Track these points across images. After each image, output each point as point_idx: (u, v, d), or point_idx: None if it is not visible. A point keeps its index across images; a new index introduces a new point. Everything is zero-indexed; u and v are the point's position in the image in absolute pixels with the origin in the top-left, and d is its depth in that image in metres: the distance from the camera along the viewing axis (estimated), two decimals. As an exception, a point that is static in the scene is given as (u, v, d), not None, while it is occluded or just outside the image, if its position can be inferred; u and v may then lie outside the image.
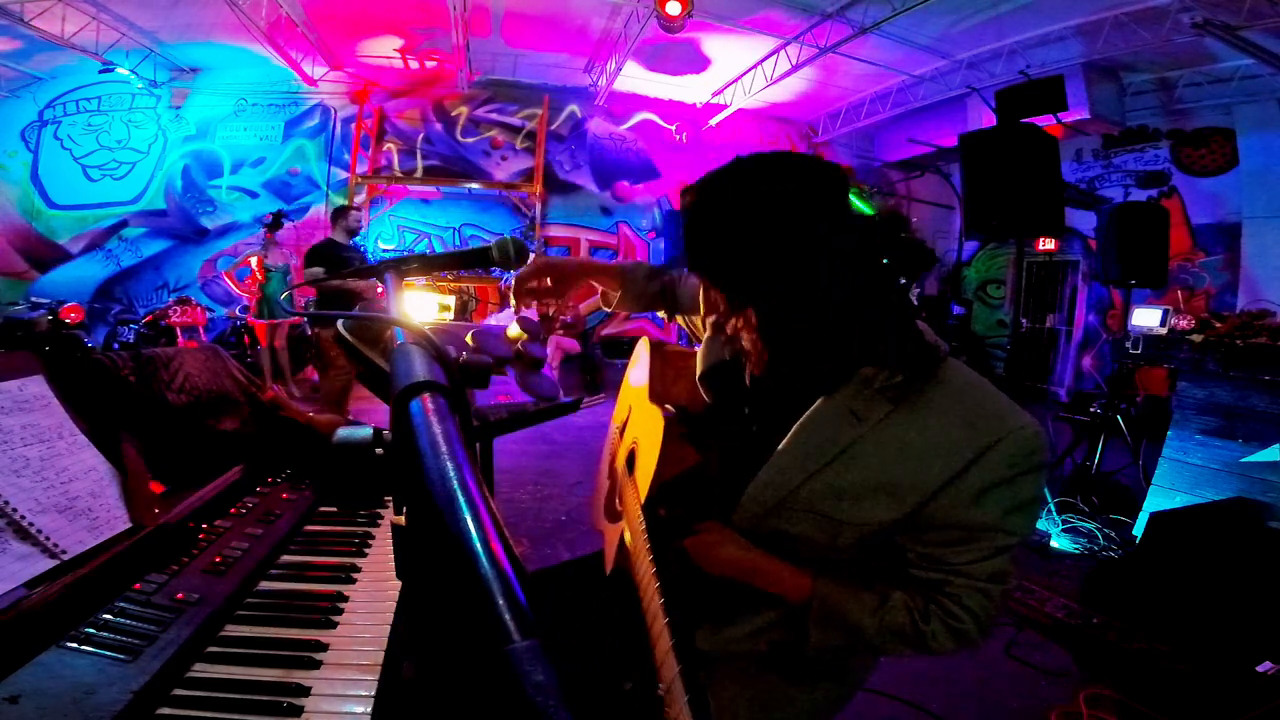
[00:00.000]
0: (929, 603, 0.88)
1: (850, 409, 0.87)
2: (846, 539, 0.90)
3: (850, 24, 6.30)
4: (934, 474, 0.83)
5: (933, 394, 0.86)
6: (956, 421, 0.84)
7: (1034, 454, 0.83)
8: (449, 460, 0.40)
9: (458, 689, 0.35)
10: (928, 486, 0.83)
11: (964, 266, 9.50)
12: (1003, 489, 0.82)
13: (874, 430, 0.86)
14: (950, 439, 0.83)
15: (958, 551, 0.85)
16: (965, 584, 0.86)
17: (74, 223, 8.24)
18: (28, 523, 0.86)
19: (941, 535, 0.86)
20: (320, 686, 0.82)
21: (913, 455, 0.84)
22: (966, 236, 5.07)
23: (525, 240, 6.41)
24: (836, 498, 0.88)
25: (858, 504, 0.87)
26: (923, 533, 0.87)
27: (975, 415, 0.84)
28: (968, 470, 0.82)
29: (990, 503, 0.83)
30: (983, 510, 0.83)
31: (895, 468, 0.85)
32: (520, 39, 7.78)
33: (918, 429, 0.85)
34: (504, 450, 2.27)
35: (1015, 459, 0.82)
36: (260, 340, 6.52)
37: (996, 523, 0.84)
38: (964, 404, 0.85)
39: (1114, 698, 2.19)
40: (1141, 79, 7.31)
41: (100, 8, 6.61)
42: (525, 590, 0.33)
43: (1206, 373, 3.32)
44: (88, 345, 5.98)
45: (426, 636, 0.85)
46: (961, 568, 0.85)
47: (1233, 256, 7.03)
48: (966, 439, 0.82)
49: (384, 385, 0.55)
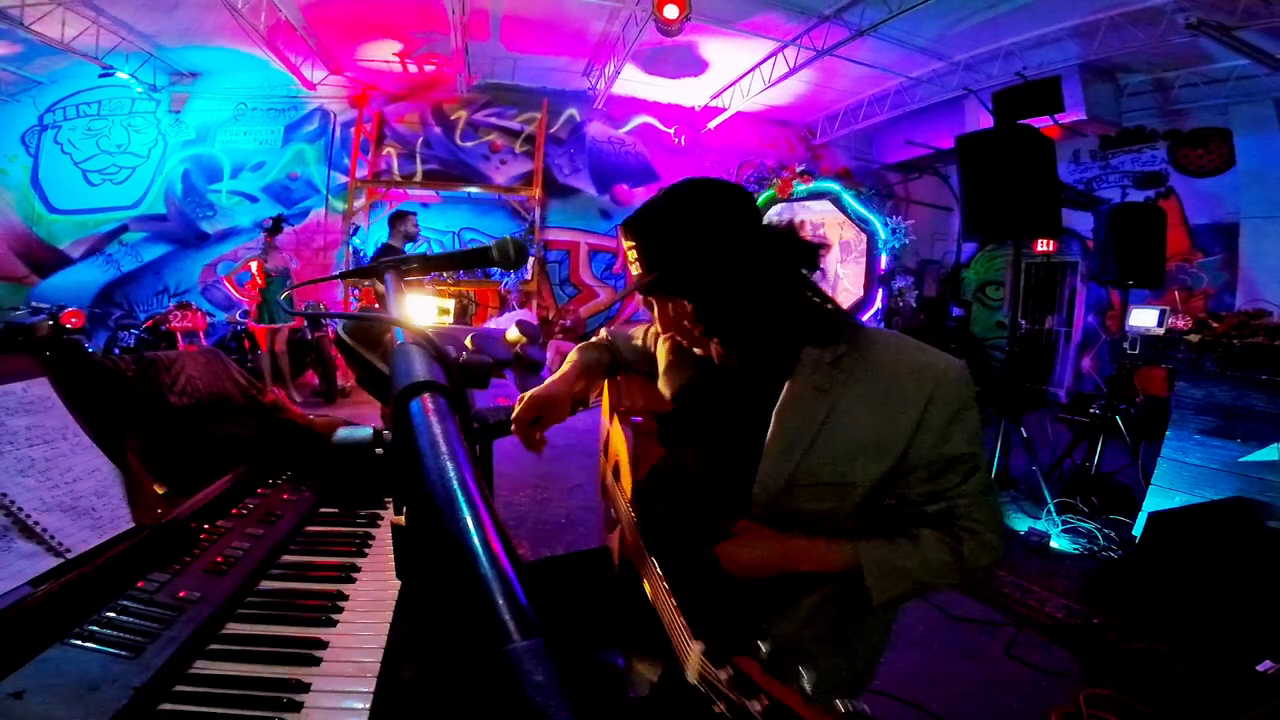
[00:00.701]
0: (950, 529, 1.00)
1: (814, 386, 1.01)
2: (854, 500, 1.01)
3: (847, 26, 6.31)
4: (904, 422, 0.97)
5: (871, 356, 1.01)
6: (903, 375, 0.99)
7: (968, 384, 1.01)
8: (449, 460, 0.40)
9: (458, 688, 0.35)
10: (903, 433, 0.98)
11: (963, 268, 9.51)
12: (959, 420, 0.98)
13: (841, 398, 0.99)
14: (905, 391, 0.98)
15: (948, 479, 0.99)
16: (968, 503, 1.00)
17: (74, 227, 8.24)
18: (33, 521, 0.87)
19: (929, 471, 0.99)
20: (320, 683, 0.83)
21: (882, 411, 0.98)
22: (964, 238, 5.08)
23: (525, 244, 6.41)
24: (834, 465, 0.99)
25: (853, 465, 0.99)
26: (914, 473, 1.00)
27: (914, 366, 1.00)
28: (927, 411, 0.97)
29: (955, 432, 0.98)
30: (953, 440, 0.98)
31: (871, 425, 0.98)
32: (519, 43, 7.79)
33: (876, 388, 0.99)
34: (503, 453, 2.28)
35: (958, 391, 0.99)
36: (260, 345, 6.51)
37: (965, 447, 0.99)
38: (901, 358, 1.01)
39: (1114, 698, 2.19)
40: (1138, 80, 7.33)
41: (100, 12, 6.62)
42: (525, 590, 0.33)
43: (1204, 373, 3.32)
44: (88, 350, 5.98)
45: (427, 637, 0.86)
46: (957, 491, 0.99)
47: (1231, 257, 7.04)
48: (916, 387, 0.98)
49: (384, 389, 0.56)
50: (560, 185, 9.29)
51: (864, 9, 6.08)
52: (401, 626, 0.98)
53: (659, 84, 8.79)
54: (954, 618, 2.79)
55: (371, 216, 8.75)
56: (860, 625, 1.08)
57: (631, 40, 6.75)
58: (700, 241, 0.98)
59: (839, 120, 9.42)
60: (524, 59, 8.27)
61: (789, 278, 1.04)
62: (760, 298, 1.01)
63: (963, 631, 2.71)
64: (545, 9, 6.84)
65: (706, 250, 0.97)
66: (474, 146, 9.07)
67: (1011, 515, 3.87)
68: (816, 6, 6.37)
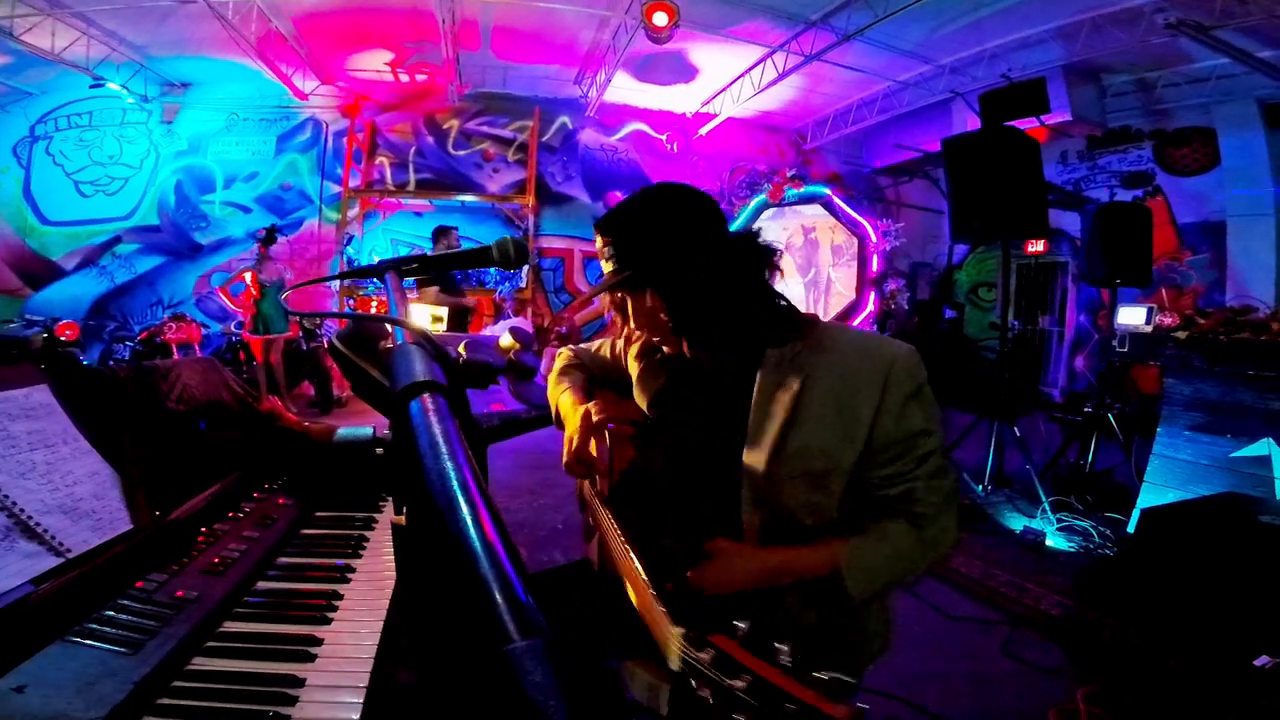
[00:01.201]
0: (911, 514, 1.03)
1: (777, 383, 1.05)
2: (835, 491, 1.04)
3: (834, 31, 6.37)
4: (865, 408, 1.02)
5: (828, 348, 1.06)
6: (858, 363, 1.04)
7: (919, 367, 1.05)
8: (449, 460, 0.41)
9: (455, 687, 0.35)
10: (866, 419, 1.01)
11: (955, 270, 9.56)
12: (914, 400, 1.03)
13: (805, 392, 1.03)
14: (861, 377, 1.03)
15: (906, 461, 1.03)
16: (923, 486, 1.03)
17: (67, 239, 8.23)
18: (34, 522, 0.88)
19: (891, 453, 1.03)
20: (315, 678, 0.85)
21: (844, 400, 1.02)
22: (954, 240, 5.13)
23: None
24: (808, 457, 1.02)
25: (827, 454, 1.03)
26: (879, 455, 1.03)
27: (868, 352, 1.05)
28: (885, 394, 1.01)
29: (912, 411, 1.02)
30: (911, 419, 1.02)
31: (837, 415, 1.02)
32: (510, 52, 7.84)
33: (835, 378, 1.03)
34: (498, 461, 2.28)
35: (910, 373, 1.03)
36: (255, 356, 6.50)
37: (922, 424, 1.03)
38: (855, 347, 1.06)
39: (1110, 694, 2.20)
40: (1121, 80, 7.41)
41: (90, 23, 6.64)
42: (526, 590, 0.33)
43: (1193, 369, 3.35)
44: (83, 363, 5.95)
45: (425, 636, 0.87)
46: (915, 473, 1.03)
47: (1219, 255, 7.09)
48: (870, 373, 1.02)
49: (379, 396, 0.57)
50: (553, 193, 9.32)
51: (850, 14, 6.14)
52: (396, 624, 0.99)
53: (650, 91, 8.85)
54: (950, 617, 2.80)
55: (365, 226, 8.76)
56: (853, 617, 1.09)
57: (622, 48, 6.79)
58: (671, 236, 1.03)
59: (829, 125, 9.49)
60: (515, 68, 8.32)
61: (752, 276, 1.09)
62: (727, 293, 1.05)
63: (959, 630, 2.73)
64: (535, 19, 6.89)
65: (677, 244, 1.03)
66: (466, 155, 9.10)
67: (1006, 514, 3.89)
68: (803, 12, 6.43)
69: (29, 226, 8.17)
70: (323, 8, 6.64)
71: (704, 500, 1.10)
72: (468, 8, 6.55)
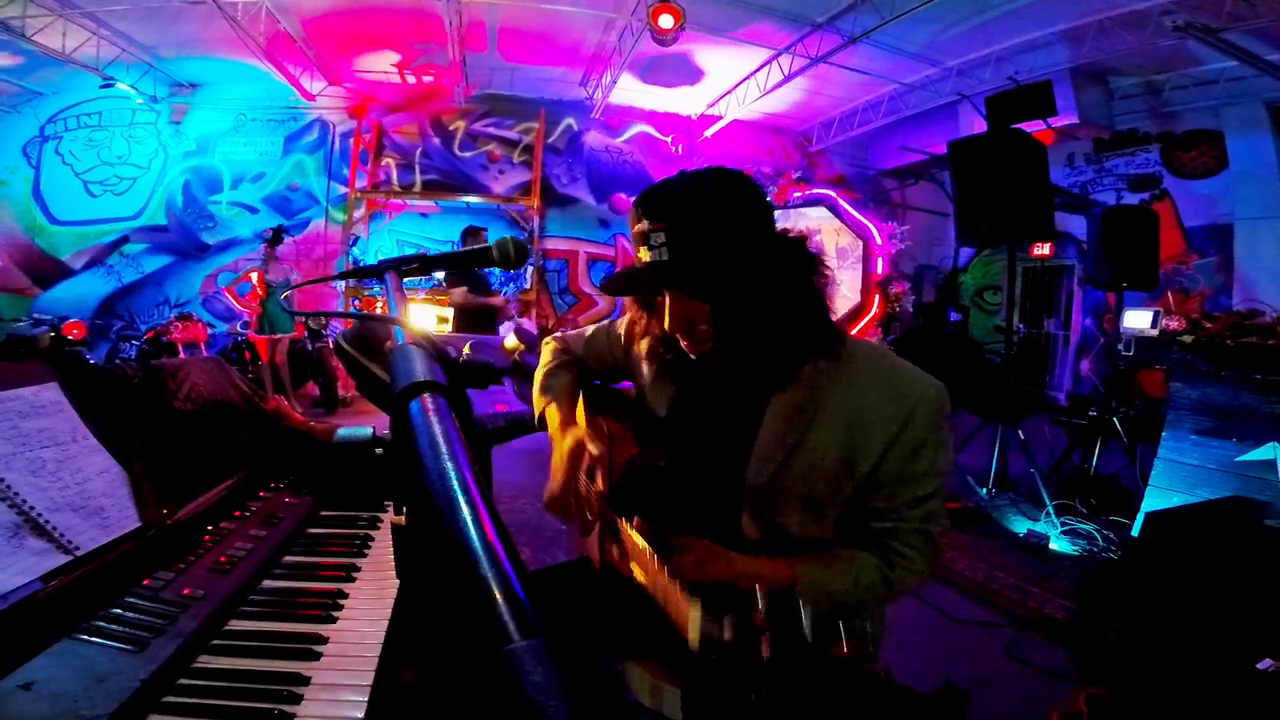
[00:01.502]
0: (886, 553, 1.02)
1: (794, 402, 1.02)
2: (832, 513, 1.04)
3: (840, 34, 6.37)
4: (876, 443, 0.99)
5: (852, 376, 1.02)
6: (881, 395, 1.01)
7: (943, 408, 1.02)
8: (449, 460, 0.41)
9: (455, 685, 0.35)
10: (874, 454, 1.00)
11: (960, 273, 9.54)
12: (929, 444, 1.01)
13: (819, 415, 1.01)
14: (881, 413, 1.00)
15: (902, 500, 1.01)
16: (910, 528, 1.02)
17: (75, 239, 8.28)
18: (43, 520, 0.89)
19: (890, 489, 1.01)
20: (319, 676, 0.85)
21: (857, 432, 1.00)
22: (959, 242, 5.12)
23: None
24: (813, 480, 1.01)
25: (830, 481, 1.01)
26: (878, 489, 1.02)
27: (893, 386, 1.02)
28: (901, 433, 0.99)
29: (924, 455, 1.00)
30: (918, 461, 1.00)
31: (848, 444, 1.00)
32: (516, 53, 7.86)
33: (853, 410, 1.01)
34: (503, 462, 2.29)
35: (932, 416, 1.00)
36: (261, 356, 6.53)
37: (929, 467, 1.01)
38: (880, 376, 1.02)
39: (1114, 698, 2.19)
40: (1129, 83, 7.38)
41: (100, 23, 6.69)
42: (526, 590, 0.33)
43: (1199, 373, 3.33)
44: (90, 362, 5.98)
45: (427, 636, 0.87)
46: (907, 514, 1.02)
47: (1226, 258, 7.06)
48: (893, 410, 0.99)
49: (385, 396, 0.56)
50: (559, 194, 9.33)
51: (856, 16, 6.13)
52: (400, 623, 1.00)
53: (656, 93, 8.85)
54: (953, 619, 2.80)
55: (371, 227, 8.79)
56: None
57: (628, 50, 6.80)
58: (733, 241, 0.94)
59: (834, 127, 9.48)
60: (521, 69, 8.33)
61: (805, 289, 1.02)
62: (783, 309, 0.99)
63: (962, 633, 2.72)
64: (541, 20, 6.91)
65: (738, 253, 0.94)
66: (472, 156, 9.12)
67: (1010, 517, 3.88)
68: (809, 14, 6.43)
69: (38, 226, 8.23)
70: (331, 9, 6.67)
71: (703, 504, 1.10)
72: (475, 10, 6.57)
